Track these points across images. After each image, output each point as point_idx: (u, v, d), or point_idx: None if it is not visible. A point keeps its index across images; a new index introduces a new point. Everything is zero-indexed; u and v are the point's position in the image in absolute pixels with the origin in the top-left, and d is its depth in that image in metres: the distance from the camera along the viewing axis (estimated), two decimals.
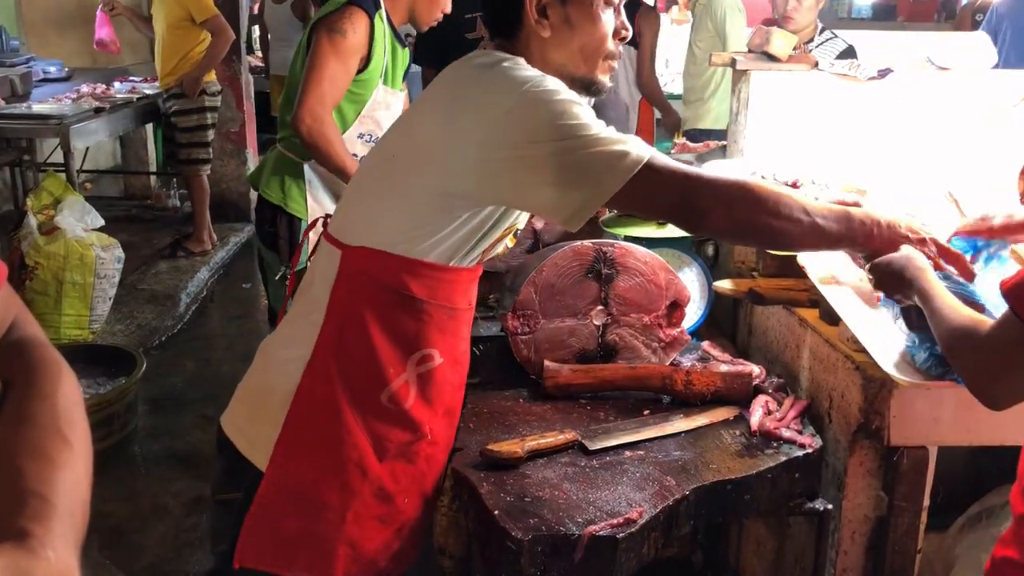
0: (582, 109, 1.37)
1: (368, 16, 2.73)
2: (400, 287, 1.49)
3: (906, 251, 1.52)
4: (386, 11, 2.81)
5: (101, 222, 4.57)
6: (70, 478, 0.78)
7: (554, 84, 1.39)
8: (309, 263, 1.64)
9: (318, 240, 1.62)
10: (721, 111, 4.85)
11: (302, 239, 2.21)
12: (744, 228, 1.39)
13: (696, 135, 4.52)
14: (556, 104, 1.35)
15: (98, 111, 5.29)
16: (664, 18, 8.68)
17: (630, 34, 1.55)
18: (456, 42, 3.40)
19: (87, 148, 6.05)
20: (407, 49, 2.99)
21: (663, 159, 1.36)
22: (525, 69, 1.41)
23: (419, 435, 1.58)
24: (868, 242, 1.50)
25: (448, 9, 2.84)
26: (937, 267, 1.51)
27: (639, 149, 1.35)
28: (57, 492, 0.76)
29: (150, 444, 3.83)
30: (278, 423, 1.51)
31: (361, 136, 2.88)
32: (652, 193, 1.35)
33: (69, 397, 0.87)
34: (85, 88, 5.84)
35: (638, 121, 5.04)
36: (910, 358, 1.72)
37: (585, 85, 1.52)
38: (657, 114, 5.03)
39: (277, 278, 2.95)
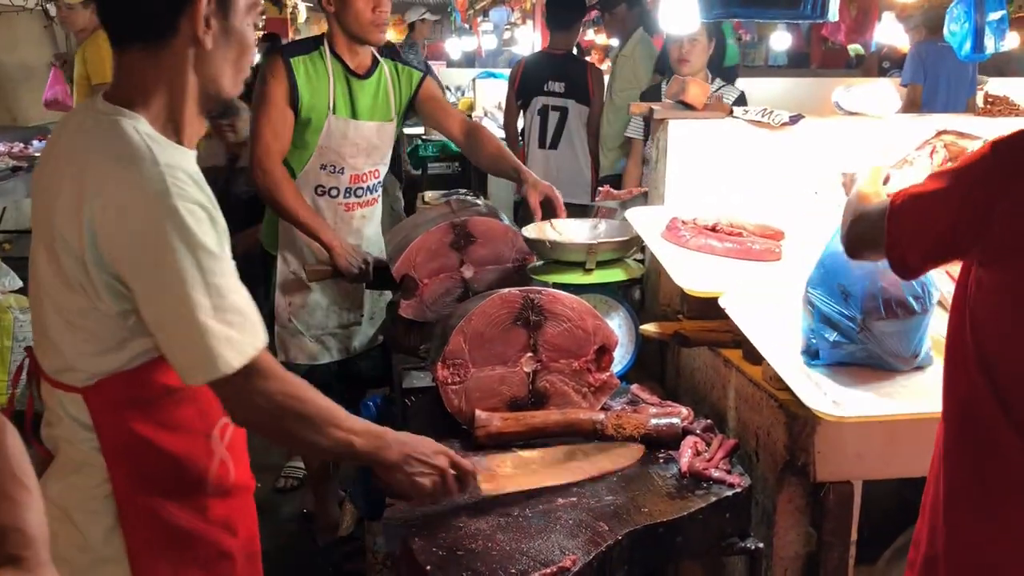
0: (208, 256, 1.31)
1: (281, 59, 2.82)
2: (160, 391, 1.43)
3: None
4: (329, 47, 2.89)
5: (20, 283, 4.44)
6: (37, 516, 0.86)
7: (199, 215, 1.31)
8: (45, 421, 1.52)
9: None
10: None
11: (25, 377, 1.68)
12: (280, 435, 1.49)
13: (614, 182, 4.60)
14: (175, 245, 1.29)
15: (16, 170, 5.18)
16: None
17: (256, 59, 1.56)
18: None
19: (3, 208, 5.89)
20: (376, 78, 2.97)
21: (266, 369, 1.36)
22: (169, 175, 1.30)
23: (250, 487, 1.60)
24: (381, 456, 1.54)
25: (380, 15, 2.83)
26: None
27: (237, 348, 1.32)
28: (31, 525, 0.85)
29: None
30: (114, 563, 1.45)
31: (324, 167, 2.93)
32: (233, 398, 1.37)
33: (17, 447, 0.92)
34: (2, 147, 5.72)
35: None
36: (811, 348, 1.85)
37: (225, 103, 1.50)
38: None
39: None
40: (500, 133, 7.37)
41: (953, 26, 3.60)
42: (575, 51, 5.46)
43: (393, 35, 9.40)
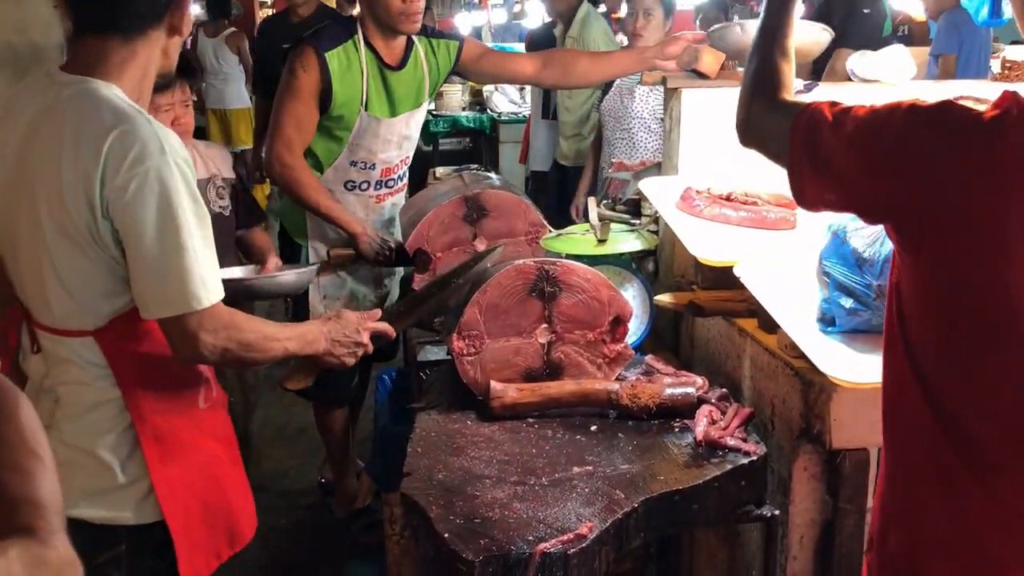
0: (198, 212, 1.52)
1: (316, 53, 2.68)
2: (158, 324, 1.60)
3: None
4: (364, 38, 2.75)
5: None
6: (49, 487, 0.88)
7: (187, 171, 1.52)
8: (31, 363, 1.66)
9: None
10: None
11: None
12: (232, 364, 1.70)
13: (576, 173, 4.51)
14: (177, 196, 1.48)
15: None
16: None
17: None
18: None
19: None
20: (412, 65, 2.85)
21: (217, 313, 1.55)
22: (149, 132, 1.48)
23: (224, 402, 1.83)
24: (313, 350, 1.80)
25: (412, 4, 2.65)
26: None
27: (209, 290, 1.53)
28: (44, 496, 0.86)
29: None
30: (137, 484, 1.63)
31: (354, 164, 2.86)
32: (190, 335, 1.53)
33: (30, 417, 0.94)
34: None
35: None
36: (826, 316, 1.84)
37: (168, 75, 1.70)
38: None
39: None
40: (513, 108, 7.35)
41: None
42: None
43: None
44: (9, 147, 1.57)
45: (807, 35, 2.44)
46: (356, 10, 3.46)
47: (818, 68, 4.02)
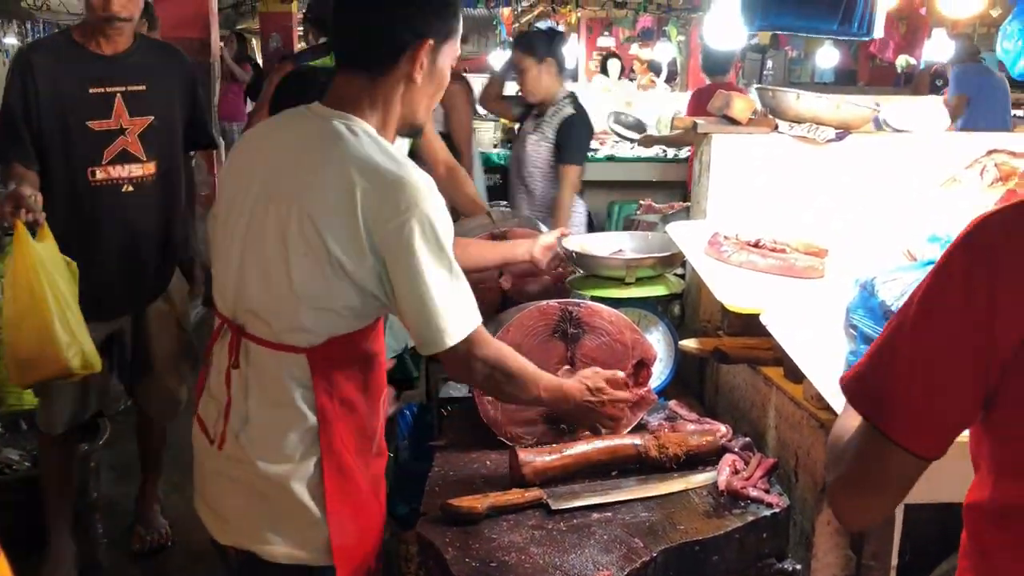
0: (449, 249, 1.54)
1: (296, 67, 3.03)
2: (367, 353, 1.63)
3: None
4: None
5: None
6: None
7: (441, 207, 1.54)
8: (237, 371, 1.62)
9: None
10: None
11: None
12: (493, 391, 1.82)
13: None
14: (439, 237, 1.51)
15: None
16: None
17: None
18: None
19: None
20: None
21: (479, 337, 1.60)
22: (417, 177, 1.52)
23: (385, 454, 1.76)
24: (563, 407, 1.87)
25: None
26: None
27: (461, 323, 1.55)
28: None
29: (112, 513, 3.72)
30: (319, 521, 1.59)
31: None
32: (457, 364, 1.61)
33: None
34: None
35: None
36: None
37: (415, 127, 1.67)
38: None
39: None
40: None
41: (1006, 43, 3.54)
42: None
43: None
44: (258, 171, 1.61)
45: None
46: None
47: None
